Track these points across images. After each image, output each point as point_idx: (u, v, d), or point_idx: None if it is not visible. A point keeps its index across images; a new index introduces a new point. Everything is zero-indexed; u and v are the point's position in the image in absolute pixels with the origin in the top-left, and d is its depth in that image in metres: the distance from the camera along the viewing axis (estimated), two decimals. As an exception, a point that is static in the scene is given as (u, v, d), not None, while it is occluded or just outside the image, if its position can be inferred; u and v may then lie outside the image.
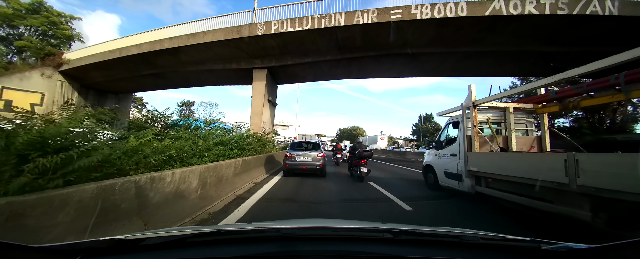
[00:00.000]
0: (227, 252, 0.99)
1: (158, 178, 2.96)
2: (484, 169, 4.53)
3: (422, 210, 4.63)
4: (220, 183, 4.71)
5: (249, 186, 5.93)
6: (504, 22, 9.28)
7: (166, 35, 13.65)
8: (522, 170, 3.67)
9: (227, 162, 5.17)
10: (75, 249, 0.89)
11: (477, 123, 5.11)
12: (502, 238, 1.08)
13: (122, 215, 2.39)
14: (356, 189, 6.38)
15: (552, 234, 2.73)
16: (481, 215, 4.34)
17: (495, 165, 4.31)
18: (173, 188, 3.24)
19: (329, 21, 10.31)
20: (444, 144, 6.12)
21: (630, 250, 0.85)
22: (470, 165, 4.82)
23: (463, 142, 5.19)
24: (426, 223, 1.62)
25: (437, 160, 6.29)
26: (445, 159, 5.91)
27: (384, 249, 1.05)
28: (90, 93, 21.62)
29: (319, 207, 4.55)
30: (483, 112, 5.55)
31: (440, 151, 6.21)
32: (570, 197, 2.98)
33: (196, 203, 3.69)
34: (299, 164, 8.00)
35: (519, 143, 5.48)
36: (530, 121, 5.88)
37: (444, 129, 6.38)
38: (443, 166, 5.94)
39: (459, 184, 5.22)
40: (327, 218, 3.39)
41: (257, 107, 14.05)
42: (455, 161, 5.46)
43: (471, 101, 5.09)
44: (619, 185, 2.49)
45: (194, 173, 3.74)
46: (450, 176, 5.59)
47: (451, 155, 5.67)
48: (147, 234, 1.05)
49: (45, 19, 21.27)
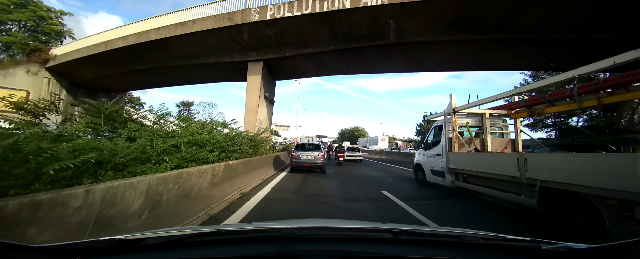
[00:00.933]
0: (227, 252, 0.98)
1: (40, 202, 1.73)
2: (461, 166, 5.21)
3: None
4: (187, 199, 3.47)
5: (233, 199, 4.69)
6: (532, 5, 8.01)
7: (153, 26, 12.45)
8: (489, 167, 4.33)
9: (199, 169, 3.91)
10: (75, 249, 0.88)
11: (456, 127, 5.80)
12: (502, 238, 1.08)
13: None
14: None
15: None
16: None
17: (469, 162, 5.01)
18: (85, 216, 2.01)
19: (331, 4, 9.04)
20: (431, 145, 6.86)
21: (630, 250, 0.83)
22: (450, 163, 5.50)
23: (445, 144, 5.92)
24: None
25: (425, 159, 7.04)
26: (431, 158, 6.67)
27: (383, 249, 1.05)
28: (80, 92, 20.42)
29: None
30: (463, 117, 6.18)
31: (427, 152, 6.98)
32: (521, 187, 3.67)
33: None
34: (303, 162, 9.50)
35: (494, 144, 6.16)
36: (505, 125, 6.64)
37: (431, 132, 7.11)
38: (430, 164, 6.68)
39: (442, 180, 5.93)
40: (327, 218, 3.31)
41: (252, 104, 12.75)
42: (439, 160, 6.19)
43: (451, 108, 5.83)
44: (556, 176, 3.12)
45: (134, 188, 2.51)
46: (436, 173, 6.31)
47: (436, 154, 6.42)
48: (147, 234, 1.02)
49: (32, 13, 20.21)
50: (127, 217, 2.41)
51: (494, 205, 4.82)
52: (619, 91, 4.11)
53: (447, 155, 5.67)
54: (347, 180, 8.11)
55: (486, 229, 1.29)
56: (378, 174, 10.04)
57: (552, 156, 3.90)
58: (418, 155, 7.74)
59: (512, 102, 5.99)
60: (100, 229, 2.12)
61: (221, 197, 4.47)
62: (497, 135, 6.50)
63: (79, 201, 1.98)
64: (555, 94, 5.03)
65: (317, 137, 69.92)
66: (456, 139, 5.75)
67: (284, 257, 0.98)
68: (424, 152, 7.21)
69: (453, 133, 5.78)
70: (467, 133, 6.16)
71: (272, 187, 6.16)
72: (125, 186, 2.41)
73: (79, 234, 1.92)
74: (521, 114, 6.05)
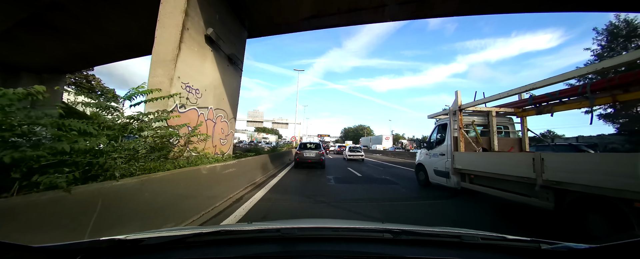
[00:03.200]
0: (227, 252, 0.98)
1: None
2: (468, 167, 5.01)
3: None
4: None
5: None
6: None
7: None
8: (499, 167, 4.14)
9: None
10: (74, 249, 0.88)
11: (462, 125, 5.59)
12: (502, 238, 1.08)
13: None
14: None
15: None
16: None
17: (478, 163, 4.77)
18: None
19: None
20: (434, 144, 6.60)
21: (630, 250, 0.82)
22: (456, 164, 5.33)
23: (450, 143, 5.71)
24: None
25: (427, 159, 6.81)
26: (434, 158, 6.44)
27: (383, 249, 1.05)
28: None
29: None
30: (469, 116, 5.95)
31: (430, 151, 6.74)
32: (536, 189, 3.45)
33: None
34: (306, 158, 11.43)
35: (500, 143, 5.94)
36: (511, 124, 6.38)
37: (434, 131, 6.81)
38: (433, 164, 6.46)
39: (446, 180, 5.72)
40: (327, 218, 3.35)
41: (167, 44, 5.96)
42: (443, 160, 5.97)
43: (457, 106, 5.59)
44: (577, 178, 2.96)
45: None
46: (439, 173, 6.10)
47: (440, 154, 6.18)
48: (147, 235, 1.01)
49: None
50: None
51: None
52: (634, 87, 4.01)
53: (453, 154, 5.46)
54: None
55: (486, 229, 1.30)
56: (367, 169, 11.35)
57: (574, 156, 3.67)
58: (420, 154, 7.47)
59: (520, 99, 5.84)
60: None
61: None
62: (503, 134, 6.28)
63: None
64: (565, 92, 4.93)
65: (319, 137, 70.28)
66: (462, 138, 5.53)
67: (284, 257, 0.97)
68: (426, 152, 6.97)
69: (459, 131, 5.54)
70: (473, 132, 5.95)
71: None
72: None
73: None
74: (529, 112, 5.86)
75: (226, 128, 8.80)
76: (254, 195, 5.10)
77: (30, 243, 0.79)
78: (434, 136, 6.76)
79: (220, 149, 8.04)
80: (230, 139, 9.16)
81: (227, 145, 8.82)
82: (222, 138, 8.54)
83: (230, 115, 9.22)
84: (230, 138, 9.24)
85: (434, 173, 6.37)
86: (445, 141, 6.07)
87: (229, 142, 9.03)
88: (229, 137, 9.09)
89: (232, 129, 9.41)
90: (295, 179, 7.86)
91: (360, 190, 6.29)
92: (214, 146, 7.76)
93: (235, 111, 9.67)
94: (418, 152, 7.80)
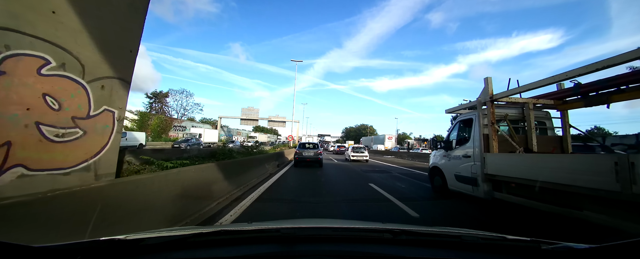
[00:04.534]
0: (227, 252, 0.98)
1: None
2: (505, 173, 4.08)
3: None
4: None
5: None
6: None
7: None
8: (555, 175, 3.23)
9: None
10: (74, 249, 0.87)
11: (494, 120, 4.56)
12: (502, 238, 1.08)
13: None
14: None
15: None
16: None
17: (521, 168, 3.80)
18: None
19: None
20: (454, 144, 5.59)
21: (630, 250, 0.82)
22: (488, 168, 4.36)
23: (480, 142, 4.67)
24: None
25: (446, 161, 5.77)
26: (455, 161, 5.40)
27: (383, 249, 1.05)
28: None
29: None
30: (500, 109, 4.99)
31: (449, 152, 5.69)
32: (623, 207, 2.58)
33: None
34: (305, 157, 12.25)
35: (539, 142, 4.91)
36: (549, 119, 5.34)
37: (454, 128, 5.79)
38: (453, 168, 5.43)
39: (472, 189, 4.74)
40: (326, 218, 3.25)
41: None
42: (468, 163, 4.95)
43: (488, 96, 4.58)
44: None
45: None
46: (463, 179, 5.05)
47: (463, 156, 5.17)
48: (147, 235, 1.02)
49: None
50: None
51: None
52: None
53: (483, 156, 4.46)
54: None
55: (486, 229, 1.31)
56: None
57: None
58: (434, 156, 6.38)
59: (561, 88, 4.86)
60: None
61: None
62: (539, 132, 5.23)
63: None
64: (629, 75, 3.97)
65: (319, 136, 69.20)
66: (495, 136, 4.50)
67: (284, 257, 0.98)
68: (443, 153, 5.91)
69: (490, 128, 4.52)
70: (505, 129, 4.94)
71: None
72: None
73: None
74: (573, 104, 4.86)
75: (77, 94, 2.73)
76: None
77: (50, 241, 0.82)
78: (454, 135, 5.71)
79: (50, 152, 2.53)
80: (98, 127, 2.96)
81: (87, 144, 2.85)
82: (58, 123, 2.58)
83: (101, 70, 2.97)
84: (100, 125, 2.98)
85: (454, 178, 5.34)
86: (470, 140, 5.06)
87: (94, 136, 2.92)
88: (96, 123, 2.93)
89: (109, 105, 3.06)
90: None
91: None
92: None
93: (126, 66, 3.29)
94: (432, 154, 6.73)
